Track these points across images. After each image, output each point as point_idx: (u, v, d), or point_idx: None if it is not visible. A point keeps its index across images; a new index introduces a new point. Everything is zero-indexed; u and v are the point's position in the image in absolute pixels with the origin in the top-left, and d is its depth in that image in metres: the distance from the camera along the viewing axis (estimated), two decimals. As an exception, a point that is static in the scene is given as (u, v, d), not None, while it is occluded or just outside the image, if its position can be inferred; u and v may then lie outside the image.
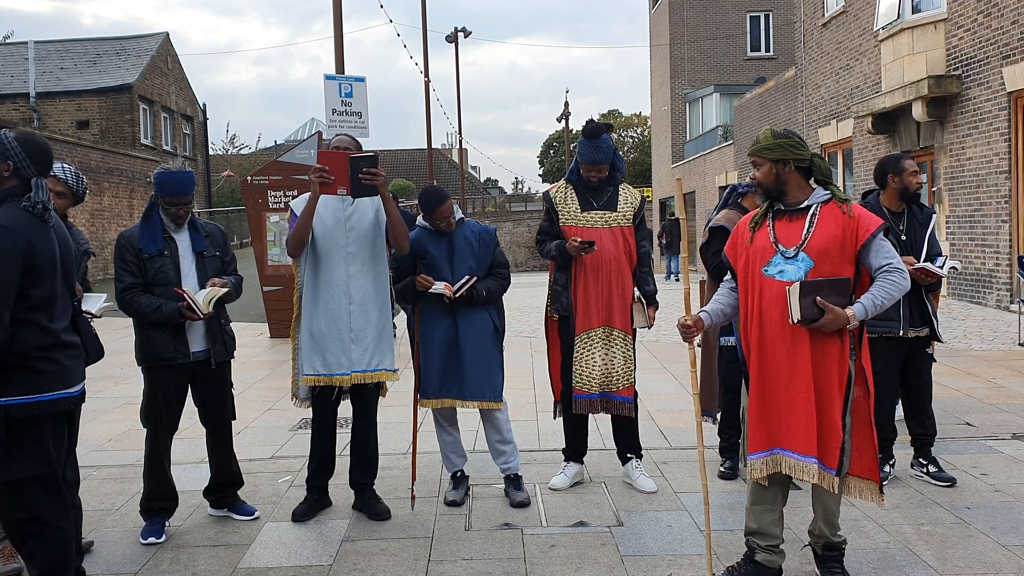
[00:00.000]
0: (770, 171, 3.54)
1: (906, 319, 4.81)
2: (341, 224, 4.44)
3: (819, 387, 3.45)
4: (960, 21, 12.87)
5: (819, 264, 3.44)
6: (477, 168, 74.52)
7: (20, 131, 3.31)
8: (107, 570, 3.98)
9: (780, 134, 3.56)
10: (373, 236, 4.48)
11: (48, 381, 3.17)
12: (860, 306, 3.41)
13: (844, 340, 3.46)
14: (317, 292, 4.43)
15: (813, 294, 3.38)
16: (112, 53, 29.18)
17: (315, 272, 4.44)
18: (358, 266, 4.44)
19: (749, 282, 3.58)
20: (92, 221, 20.92)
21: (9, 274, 3.05)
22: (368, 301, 4.45)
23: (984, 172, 12.39)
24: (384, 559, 4.04)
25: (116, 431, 6.67)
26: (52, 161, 3.34)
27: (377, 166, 4.25)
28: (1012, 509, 4.49)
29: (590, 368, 4.82)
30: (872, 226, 3.44)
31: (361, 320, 4.43)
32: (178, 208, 4.32)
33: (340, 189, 4.24)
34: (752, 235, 3.59)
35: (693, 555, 3.98)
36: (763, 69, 31.59)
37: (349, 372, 4.42)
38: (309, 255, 4.45)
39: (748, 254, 3.59)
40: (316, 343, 4.42)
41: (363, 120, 12.15)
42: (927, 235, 4.88)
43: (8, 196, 3.18)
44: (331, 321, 4.40)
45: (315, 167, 4.22)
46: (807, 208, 3.52)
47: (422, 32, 27.95)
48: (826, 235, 3.45)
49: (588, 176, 4.86)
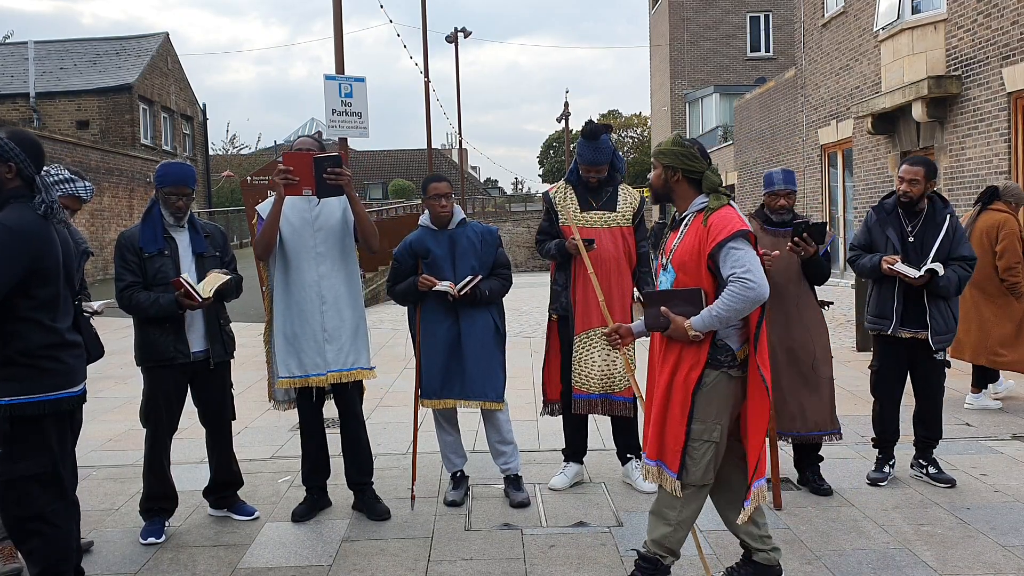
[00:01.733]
0: (660, 175, 3.54)
1: (898, 318, 4.81)
2: (309, 225, 4.45)
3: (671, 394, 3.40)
4: (960, 22, 12.87)
5: (680, 275, 3.42)
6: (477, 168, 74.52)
7: (11, 130, 3.32)
8: (107, 570, 3.98)
9: (680, 142, 3.49)
10: (342, 235, 4.49)
11: (52, 380, 3.19)
12: (699, 318, 3.31)
13: (701, 349, 3.36)
14: (289, 294, 4.43)
15: (658, 304, 3.40)
16: (112, 53, 29.18)
17: (285, 274, 4.45)
18: (328, 266, 4.45)
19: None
20: (92, 221, 20.91)
21: (9, 275, 3.05)
22: (341, 300, 4.46)
23: (984, 173, 12.39)
24: (384, 559, 4.04)
25: (116, 431, 6.67)
26: (44, 155, 3.35)
27: (342, 166, 4.27)
28: (1012, 509, 4.49)
29: (589, 368, 4.82)
30: (720, 235, 3.30)
31: (335, 320, 4.44)
32: (178, 199, 4.33)
33: (305, 190, 4.26)
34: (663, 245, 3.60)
35: (693, 555, 3.98)
36: (763, 69, 31.61)
37: (325, 372, 4.43)
38: (278, 257, 4.46)
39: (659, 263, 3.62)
40: (290, 345, 4.43)
41: (363, 120, 12.15)
42: (939, 236, 4.76)
43: (13, 197, 3.20)
44: (304, 322, 4.41)
45: (279, 168, 4.25)
46: (684, 219, 3.51)
47: (422, 32, 27.95)
48: (686, 246, 3.41)
49: (587, 177, 4.86)
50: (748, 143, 24.04)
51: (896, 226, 4.86)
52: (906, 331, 4.82)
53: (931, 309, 4.76)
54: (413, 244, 4.75)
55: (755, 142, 23.40)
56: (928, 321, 4.76)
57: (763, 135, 22.78)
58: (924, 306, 4.77)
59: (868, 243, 4.96)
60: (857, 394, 7.22)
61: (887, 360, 4.94)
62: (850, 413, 6.39)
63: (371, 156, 55.16)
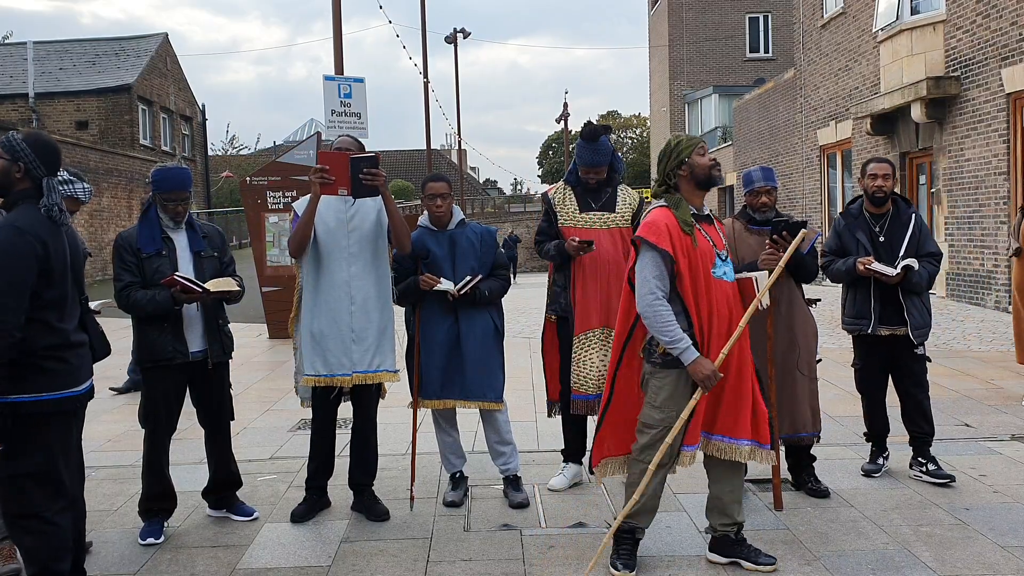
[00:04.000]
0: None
1: (876, 317, 4.86)
2: (343, 225, 4.44)
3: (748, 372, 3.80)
4: (959, 22, 12.88)
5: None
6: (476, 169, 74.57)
7: (28, 132, 3.36)
8: (106, 570, 3.98)
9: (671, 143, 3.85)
10: (375, 237, 4.49)
11: (56, 380, 3.21)
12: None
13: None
14: (319, 293, 4.43)
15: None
16: (111, 54, 29.19)
17: (316, 272, 4.44)
18: (360, 267, 4.44)
19: (696, 284, 3.68)
20: (91, 222, 20.91)
21: (25, 275, 3.10)
22: (370, 301, 4.45)
23: (983, 173, 12.40)
24: (383, 560, 4.04)
25: (115, 432, 6.66)
26: (60, 160, 3.37)
27: (378, 167, 4.25)
28: (1011, 510, 4.49)
29: (588, 369, 4.82)
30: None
31: (363, 320, 4.43)
32: (176, 204, 4.32)
33: (341, 189, 4.23)
34: (693, 238, 3.69)
35: (692, 555, 3.98)
36: (762, 70, 31.62)
37: (350, 372, 4.42)
38: (310, 255, 4.45)
39: (691, 257, 3.69)
40: (317, 344, 4.42)
41: (362, 121, 12.13)
42: (907, 234, 4.89)
43: (21, 198, 3.22)
44: (332, 322, 4.40)
45: (315, 168, 4.22)
46: (708, 215, 3.86)
47: (421, 33, 27.95)
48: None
49: (586, 178, 4.87)
50: (747, 144, 24.05)
51: (865, 228, 4.96)
52: (885, 329, 4.91)
53: (908, 305, 4.86)
54: (413, 244, 4.75)
55: (754, 143, 23.40)
56: (907, 317, 4.84)
57: (762, 136, 22.79)
58: (900, 303, 4.86)
59: (839, 248, 5.04)
60: (856, 394, 7.20)
61: (869, 358, 5.05)
62: (848, 414, 6.39)
63: (370, 157, 55.09)
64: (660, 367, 3.71)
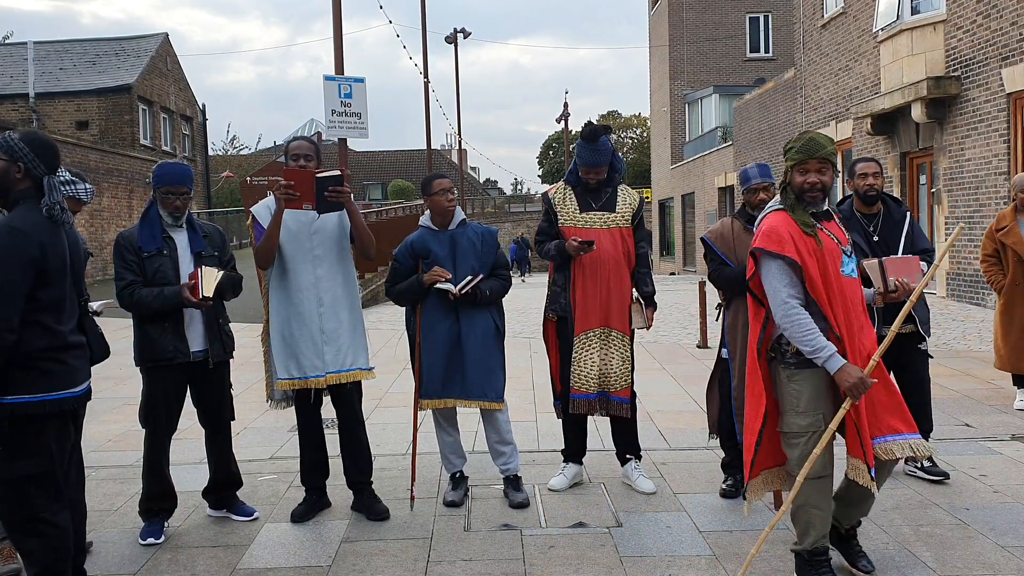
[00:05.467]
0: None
1: (880, 317, 4.85)
2: (305, 228, 4.46)
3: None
4: (959, 22, 12.88)
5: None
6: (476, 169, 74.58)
7: (25, 131, 3.34)
8: (106, 570, 3.98)
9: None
10: (339, 237, 4.52)
11: (53, 381, 3.19)
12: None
13: None
14: (286, 296, 4.45)
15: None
16: (111, 54, 29.19)
17: (282, 277, 4.46)
18: (326, 268, 4.47)
19: (828, 286, 3.47)
20: (91, 222, 20.92)
21: (18, 277, 3.08)
22: (338, 302, 4.48)
23: (983, 173, 12.40)
24: (383, 560, 4.04)
25: (115, 432, 6.67)
26: (59, 157, 3.36)
27: (343, 184, 4.30)
28: (1011, 510, 4.49)
29: (588, 368, 4.82)
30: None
31: (333, 322, 4.46)
32: (176, 198, 4.33)
33: (305, 205, 4.29)
34: (817, 239, 3.49)
35: (692, 556, 3.98)
36: (762, 70, 31.61)
37: (324, 373, 4.45)
38: (275, 260, 4.48)
39: (819, 259, 3.47)
40: (288, 347, 4.44)
41: (362, 120, 12.14)
42: (902, 234, 4.88)
43: (21, 197, 3.20)
44: (302, 324, 4.43)
45: (280, 184, 4.26)
46: (828, 211, 3.63)
47: (421, 33, 27.94)
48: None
49: (587, 178, 4.87)
50: (747, 144, 24.05)
51: (859, 229, 4.91)
52: (888, 328, 4.87)
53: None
54: (414, 244, 4.76)
55: (754, 143, 23.40)
56: (912, 314, 4.81)
57: (762, 136, 22.79)
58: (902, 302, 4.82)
59: None
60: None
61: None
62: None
63: (370, 156, 55.18)
64: (795, 368, 3.49)
